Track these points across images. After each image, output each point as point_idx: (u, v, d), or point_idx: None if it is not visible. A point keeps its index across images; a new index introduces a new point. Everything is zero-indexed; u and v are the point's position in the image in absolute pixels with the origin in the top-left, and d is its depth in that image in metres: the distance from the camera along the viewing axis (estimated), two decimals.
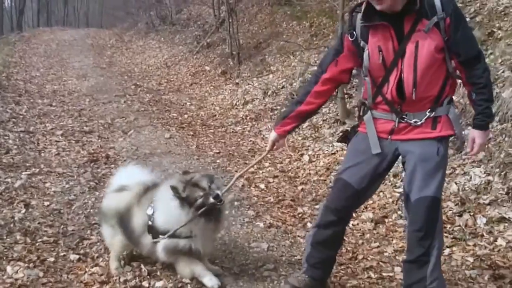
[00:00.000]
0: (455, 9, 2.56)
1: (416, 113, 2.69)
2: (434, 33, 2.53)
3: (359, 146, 2.91)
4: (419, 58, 2.55)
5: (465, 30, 2.58)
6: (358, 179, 2.85)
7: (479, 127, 2.65)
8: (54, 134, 7.22)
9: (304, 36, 11.11)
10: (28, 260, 3.60)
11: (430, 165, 2.66)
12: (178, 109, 9.89)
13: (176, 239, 3.15)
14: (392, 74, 2.65)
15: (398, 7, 2.54)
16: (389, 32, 2.60)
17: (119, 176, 3.83)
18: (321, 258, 3.08)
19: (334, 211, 2.94)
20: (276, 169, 6.24)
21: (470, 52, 2.56)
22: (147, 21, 22.06)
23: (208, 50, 14.65)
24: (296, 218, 4.77)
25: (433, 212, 2.68)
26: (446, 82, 2.67)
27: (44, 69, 14.00)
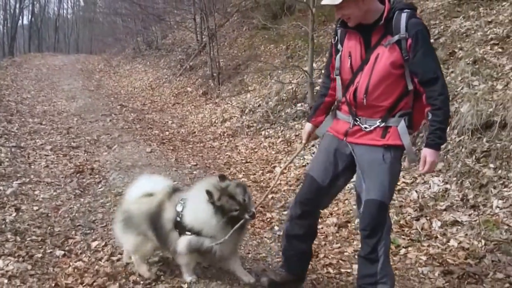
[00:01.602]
0: (419, 32, 2.60)
1: (368, 119, 2.81)
2: (393, 50, 2.64)
3: (323, 144, 3.10)
4: (375, 69, 2.69)
5: (425, 53, 2.61)
6: (322, 175, 2.98)
7: (430, 146, 2.67)
8: (43, 149, 7.44)
9: (280, 58, 11.44)
10: (17, 255, 3.87)
11: (377, 170, 2.77)
12: (160, 127, 10.11)
13: (203, 238, 3.11)
14: (356, 79, 2.79)
15: (368, 20, 2.71)
16: (359, 40, 2.77)
17: (142, 184, 3.65)
18: (295, 251, 3.19)
19: (301, 203, 3.07)
20: (249, 179, 6.49)
21: (427, 74, 2.61)
22: (134, 46, 22.41)
23: (190, 72, 14.91)
24: (265, 222, 5.01)
25: (378, 215, 2.78)
26: (402, 98, 2.74)
27: (35, 91, 14.17)
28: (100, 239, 4.31)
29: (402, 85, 2.71)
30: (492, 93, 5.20)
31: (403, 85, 2.71)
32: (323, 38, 10.36)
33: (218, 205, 3.03)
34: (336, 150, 2.97)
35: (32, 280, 3.53)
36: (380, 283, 2.83)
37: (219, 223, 3.04)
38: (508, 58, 5.68)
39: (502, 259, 3.81)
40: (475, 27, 6.73)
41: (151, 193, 3.50)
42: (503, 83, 5.30)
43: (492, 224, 4.15)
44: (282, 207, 5.43)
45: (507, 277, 3.61)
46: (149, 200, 3.45)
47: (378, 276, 2.83)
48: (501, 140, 4.80)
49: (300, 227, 3.12)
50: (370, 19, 2.70)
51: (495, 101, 5.07)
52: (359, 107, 2.81)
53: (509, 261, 3.77)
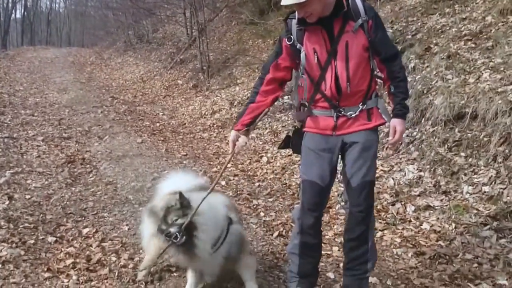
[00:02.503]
0: (375, 14, 2.72)
1: (351, 107, 2.79)
2: (360, 34, 2.67)
3: (309, 145, 2.92)
4: (350, 56, 2.67)
5: (384, 32, 2.75)
6: (320, 176, 2.86)
7: (398, 116, 2.76)
8: (35, 140, 7.47)
9: (268, 52, 11.46)
10: (11, 241, 3.94)
11: (370, 152, 2.81)
12: (151, 119, 10.17)
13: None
14: (327, 72, 2.73)
15: (326, 12, 2.66)
16: (321, 34, 2.70)
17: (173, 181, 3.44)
18: (312, 264, 3.04)
19: (311, 210, 2.90)
20: (237, 169, 6.60)
21: (389, 51, 2.74)
22: (125, 39, 22.32)
23: (181, 65, 14.94)
24: (251, 208, 5.13)
25: (371, 194, 2.84)
26: (372, 78, 2.81)
27: (27, 83, 14.10)
28: (91, 226, 4.40)
29: (369, 66, 2.78)
30: (464, 86, 5.34)
31: (370, 67, 2.78)
32: None
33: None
34: (326, 147, 2.86)
35: (25, 265, 3.60)
36: (369, 259, 2.93)
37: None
38: (480, 53, 5.83)
39: (471, 241, 3.96)
40: (450, 23, 6.87)
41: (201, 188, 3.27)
42: (475, 76, 5.44)
43: (462, 209, 4.30)
44: (268, 195, 5.56)
45: (476, 257, 3.76)
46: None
47: (369, 253, 2.90)
48: (472, 130, 4.96)
49: (314, 236, 2.98)
50: (328, 11, 2.66)
51: (467, 93, 5.22)
52: (343, 97, 2.77)
53: (478, 242, 3.93)
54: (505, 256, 3.68)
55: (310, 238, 2.97)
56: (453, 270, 3.63)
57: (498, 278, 3.46)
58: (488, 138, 4.77)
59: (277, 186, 5.81)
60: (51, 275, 3.48)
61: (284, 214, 4.89)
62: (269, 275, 3.50)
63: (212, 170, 6.40)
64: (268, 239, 4.30)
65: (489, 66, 5.55)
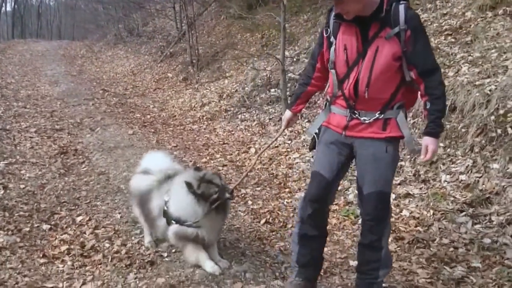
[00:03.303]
0: (417, 24, 2.54)
1: (367, 112, 2.70)
2: (394, 42, 2.53)
3: (323, 139, 2.94)
4: (376, 62, 2.57)
5: (424, 45, 2.56)
6: (328, 170, 2.83)
7: (431, 135, 2.60)
8: (28, 131, 7.48)
9: (256, 46, 11.59)
10: (6, 229, 4.02)
11: (380, 163, 2.70)
12: (141, 111, 10.19)
13: (185, 228, 3.22)
14: (352, 72, 2.66)
15: (366, 12, 2.57)
16: (355, 33, 2.62)
17: (147, 159, 3.94)
18: (310, 254, 3.01)
19: (312, 202, 2.89)
20: (226, 159, 6.67)
21: (426, 65, 2.55)
22: (115, 33, 22.20)
23: (171, 59, 14.93)
24: (240, 197, 5.21)
25: (382, 205, 2.74)
26: (399, 89, 2.67)
27: (19, 76, 14.01)
28: (85, 214, 4.47)
29: (399, 77, 2.64)
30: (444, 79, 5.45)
31: (400, 77, 2.64)
32: (295, 28, 10.53)
33: (199, 193, 3.17)
34: (336, 143, 2.85)
35: (21, 251, 3.68)
36: (382, 266, 2.85)
37: (203, 210, 3.17)
38: (459, 47, 5.96)
39: (448, 227, 4.10)
40: (431, 18, 6.99)
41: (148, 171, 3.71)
42: (454, 70, 5.58)
43: (440, 196, 4.44)
44: (255, 184, 5.64)
45: (452, 242, 3.90)
46: (143, 179, 3.67)
47: (381, 261, 2.83)
48: (450, 122, 5.08)
49: (313, 227, 2.95)
50: (368, 11, 2.56)
51: (446, 86, 5.31)
52: (359, 100, 2.70)
53: (454, 228, 4.07)
54: (480, 240, 3.82)
55: (309, 228, 2.95)
56: (430, 254, 3.77)
57: (473, 261, 3.60)
58: (466, 129, 4.90)
59: (265, 176, 5.90)
60: (46, 261, 3.56)
61: (271, 203, 4.99)
62: (256, 260, 3.59)
63: (202, 161, 6.48)
64: (255, 226, 4.41)
65: (468, 60, 5.68)
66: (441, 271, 3.54)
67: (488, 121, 4.70)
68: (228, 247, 3.78)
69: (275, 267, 3.55)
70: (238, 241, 3.92)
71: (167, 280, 3.20)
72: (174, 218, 3.27)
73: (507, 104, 4.68)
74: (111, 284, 3.23)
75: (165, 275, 3.26)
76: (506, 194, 4.11)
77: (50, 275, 3.37)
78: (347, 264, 3.71)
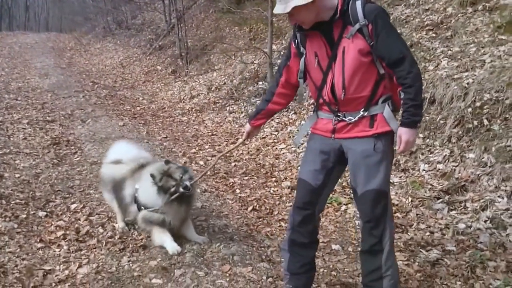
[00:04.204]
0: (377, 16, 2.47)
1: (351, 112, 2.64)
2: (358, 39, 2.49)
3: (310, 145, 2.90)
4: (346, 63, 2.53)
5: (387, 36, 2.47)
6: (312, 176, 2.79)
7: (404, 125, 2.52)
8: (21, 123, 7.54)
9: (244, 39, 11.69)
10: (4, 216, 4.13)
11: (371, 160, 2.61)
12: (131, 103, 10.27)
13: (151, 213, 3.53)
14: (328, 77, 2.62)
15: (324, 17, 2.55)
16: (321, 39, 2.59)
17: (115, 150, 4.22)
18: (301, 261, 2.94)
19: (300, 209, 2.86)
20: (214, 150, 6.83)
21: (392, 55, 2.46)
22: (104, 25, 22.17)
23: (160, 52, 14.99)
24: (228, 186, 5.39)
25: (379, 204, 2.64)
26: (379, 84, 2.59)
27: (9, 69, 13.96)
28: (79, 202, 4.60)
29: (374, 71, 2.56)
30: (424, 73, 5.65)
31: (375, 72, 2.57)
32: (283, 22, 10.66)
33: (160, 185, 3.48)
34: (324, 150, 2.78)
35: (19, 237, 3.80)
36: (385, 276, 2.68)
37: (163, 200, 3.48)
38: (440, 42, 6.16)
39: (425, 213, 4.31)
40: (414, 14, 7.18)
41: (120, 161, 3.99)
42: (434, 64, 5.78)
43: (418, 184, 4.64)
44: (243, 173, 5.81)
45: (428, 227, 4.11)
46: (116, 168, 3.94)
47: (383, 269, 2.68)
48: (429, 114, 5.29)
49: (304, 234, 2.89)
50: (326, 16, 2.55)
51: (426, 80, 5.53)
52: (340, 103, 2.64)
53: (431, 214, 4.28)
54: (455, 225, 4.03)
55: (299, 236, 2.90)
56: (408, 238, 3.97)
57: (447, 245, 3.81)
58: (444, 120, 5.11)
59: (252, 166, 6.07)
60: (43, 246, 3.69)
61: (258, 191, 5.17)
62: (243, 244, 3.77)
63: (191, 151, 6.62)
64: (243, 213, 4.58)
65: (448, 54, 5.89)
66: (417, 254, 3.74)
67: (466, 113, 4.91)
68: (217, 232, 3.94)
69: (262, 251, 3.73)
70: (227, 227, 4.09)
71: (159, 263, 3.35)
72: (142, 204, 3.59)
73: (484, 96, 4.88)
74: (105, 266, 3.37)
75: (157, 258, 3.42)
76: (481, 182, 4.33)
77: (47, 259, 3.51)
78: (330, 248, 3.91)
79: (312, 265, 3.02)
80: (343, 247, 3.91)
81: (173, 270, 3.26)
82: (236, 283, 3.15)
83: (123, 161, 3.98)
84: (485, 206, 4.05)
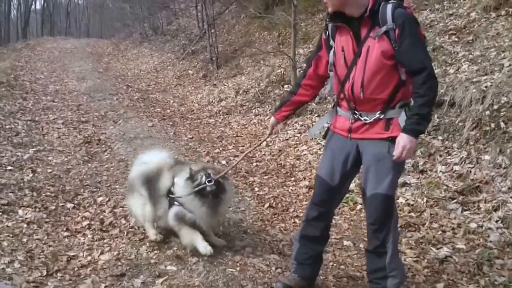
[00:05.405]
0: (405, 22, 2.49)
1: (368, 112, 2.66)
2: (383, 40, 2.51)
3: (329, 143, 2.94)
4: (368, 62, 2.55)
5: (412, 43, 2.48)
6: (330, 175, 2.85)
7: (404, 131, 2.51)
8: (55, 123, 7.93)
9: (272, 44, 11.85)
10: (34, 207, 4.41)
11: (383, 164, 2.63)
12: (162, 105, 10.58)
13: (184, 211, 3.44)
14: (352, 73, 2.64)
15: (354, 13, 2.60)
16: (349, 34, 2.64)
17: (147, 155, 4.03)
18: (308, 254, 3.03)
19: (316, 205, 2.94)
20: (237, 150, 6.98)
21: (413, 64, 2.48)
22: (141, 31, 22.70)
23: (192, 56, 15.30)
24: (247, 184, 5.52)
25: (385, 208, 2.69)
26: (399, 89, 2.59)
27: (48, 72, 14.55)
28: (105, 195, 4.84)
29: (396, 76, 2.57)
30: (445, 77, 5.68)
31: (397, 76, 2.57)
32: (311, 27, 10.79)
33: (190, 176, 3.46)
34: (342, 148, 2.82)
35: (47, 226, 4.06)
36: (390, 276, 2.75)
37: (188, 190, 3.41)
38: (462, 46, 6.17)
39: (439, 213, 4.34)
40: (438, 18, 7.19)
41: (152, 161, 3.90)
42: (455, 68, 5.80)
43: (434, 185, 4.68)
44: (263, 173, 5.93)
45: (441, 226, 4.16)
46: (150, 166, 3.81)
47: (387, 269, 2.75)
48: (449, 116, 5.32)
49: (316, 228, 2.98)
50: (356, 12, 2.59)
51: (446, 83, 5.56)
52: (357, 102, 2.67)
53: (444, 214, 4.31)
54: (467, 225, 4.07)
55: (311, 229, 2.99)
56: (419, 236, 4.03)
57: (457, 243, 3.86)
58: (463, 123, 5.14)
59: (273, 166, 6.20)
60: (69, 234, 3.93)
61: (276, 189, 5.30)
62: (256, 237, 3.92)
63: (215, 151, 6.81)
64: (259, 209, 4.72)
65: (469, 58, 5.90)
66: (427, 251, 3.80)
67: (483, 115, 4.93)
68: (231, 225, 4.11)
69: (274, 244, 3.87)
70: (242, 221, 4.25)
71: (175, 251, 3.53)
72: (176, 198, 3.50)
73: (501, 99, 4.90)
74: (125, 254, 3.57)
75: (173, 247, 3.60)
76: (495, 183, 4.35)
77: (72, 246, 3.73)
78: (341, 244, 4.00)
79: (319, 258, 3.12)
80: (355, 244, 4.00)
81: (188, 259, 3.43)
82: (246, 272, 3.29)
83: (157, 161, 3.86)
84: (497, 206, 4.09)
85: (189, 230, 3.46)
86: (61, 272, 3.30)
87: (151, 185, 3.71)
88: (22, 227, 3.95)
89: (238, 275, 3.25)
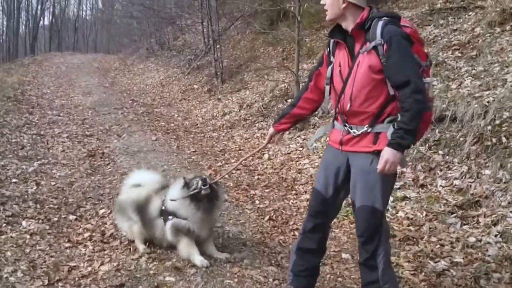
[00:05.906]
0: (392, 38, 2.54)
1: (357, 125, 2.72)
2: (371, 55, 2.58)
3: (324, 156, 3.02)
4: (357, 75, 2.63)
5: (398, 58, 2.52)
6: (324, 187, 2.91)
7: (388, 145, 2.53)
8: (60, 137, 8.09)
9: (277, 59, 11.99)
10: (37, 218, 4.52)
11: (369, 177, 2.67)
12: (166, 119, 10.72)
13: (179, 220, 3.59)
14: (346, 87, 2.72)
15: (349, 27, 2.71)
16: (345, 50, 2.75)
17: (134, 177, 4.26)
18: (305, 266, 3.07)
19: (312, 217, 3.00)
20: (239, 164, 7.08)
21: (398, 78, 2.52)
22: (148, 47, 22.98)
23: (197, 71, 15.48)
24: (248, 197, 5.60)
25: (372, 221, 2.71)
26: (388, 103, 2.64)
27: (54, 87, 14.79)
28: (107, 208, 4.93)
29: (384, 91, 2.62)
30: (447, 92, 5.76)
31: (385, 91, 2.62)
32: (315, 43, 10.93)
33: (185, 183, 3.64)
34: (335, 161, 2.88)
35: (49, 237, 4.15)
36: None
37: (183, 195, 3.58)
38: (465, 61, 6.25)
39: (438, 227, 4.38)
40: (442, 34, 7.29)
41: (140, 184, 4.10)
42: (457, 83, 5.87)
43: (434, 199, 4.72)
44: (265, 186, 6.01)
45: (439, 240, 4.19)
46: (138, 191, 4.01)
47: (380, 282, 2.76)
48: (450, 131, 5.37)
49: (312, 240, 3.03)
50: (351, 27, 2.70)
51: (448, 98, 5.64)
52: (347, 114, 2.75)
53: (444, 228, 4.35)
54: (465, 239, 4.10)
55: (308, 241, 3.03)
56: (417, 250, 4.07)
57: (456, 257, 3.89)
58: (464, 138, 5.18)
59: (274, 179, 6.28)
60: (71, 245, 4.01)
61: (277, 203, 5.36)
62: (255, 249, 3.99)
63: (217, 165, 6.91)
64: (259, 222, 4.78)
65: (472, 73, 5.97)
66: (425, 265, 3.84)
67: (485, 130, 4.98)
68: (231, 238, 4.18)
69: (272, 256, 3.93)
70: (241, 233, 4.32)
71: (173, 263, 3.61)
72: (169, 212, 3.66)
73: (503, 114, 4.95)
74: (125, 265, 3.64)
75: (172, 259, 3.68)
76: (494, 198, 4.39)
77: (73, 257, 3.81)
78: (340, 257, 4.05)
79: (316, 270, 3.16)
80: (353, 257, 4.04)
81: (186, 270, 3.50)
82: (243, 284, 3.36)
83: (145, 184, 4.06)
84: (496, 221, 4.12)
85: (187, 243, 3.62)
86: (62, 282, 3.38)
87: (143, 211, 3.89)
88: (26, 238, 4.05)
89: (236, 286, 3.32)
